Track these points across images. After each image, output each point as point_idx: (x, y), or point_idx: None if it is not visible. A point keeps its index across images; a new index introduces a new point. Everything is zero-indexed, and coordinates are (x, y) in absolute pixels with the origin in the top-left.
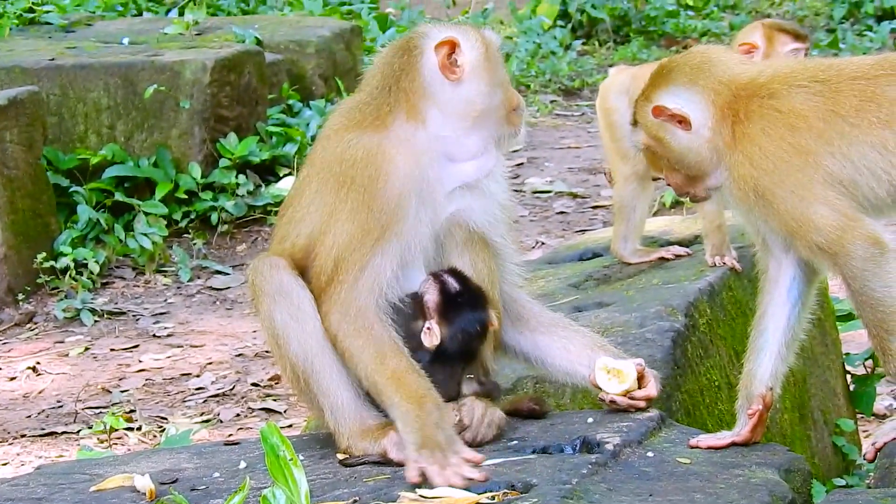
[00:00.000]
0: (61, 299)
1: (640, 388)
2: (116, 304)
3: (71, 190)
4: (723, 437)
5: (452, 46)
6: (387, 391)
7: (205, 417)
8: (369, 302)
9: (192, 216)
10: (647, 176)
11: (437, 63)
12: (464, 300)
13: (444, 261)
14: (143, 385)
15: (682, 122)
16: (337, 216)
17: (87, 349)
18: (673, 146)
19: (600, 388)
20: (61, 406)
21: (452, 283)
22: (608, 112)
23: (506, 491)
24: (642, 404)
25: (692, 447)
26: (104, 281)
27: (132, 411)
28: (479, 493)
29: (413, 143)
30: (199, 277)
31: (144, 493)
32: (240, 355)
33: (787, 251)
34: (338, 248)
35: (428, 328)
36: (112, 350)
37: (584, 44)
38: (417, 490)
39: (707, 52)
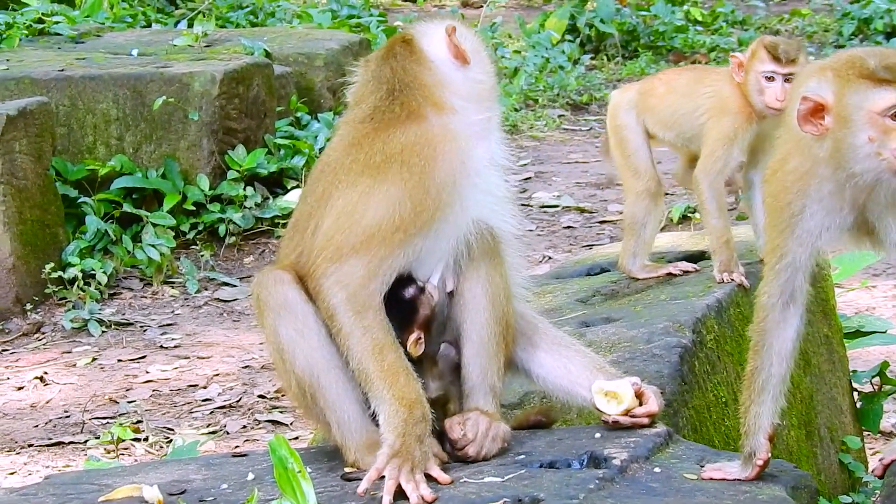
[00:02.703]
0: (69, 310)
1: (640, 405)
2: (124, 314)
3: (79, 201)
4: (730, 473)
5: (454, 32)
6: (378, 384)
7: (211, 429)
8: (381, 287)
9: (200, 228)
10: (658, 192)
11: (447, 51)
12: (394, 309)
13: (461, 273)
14: (150, 396)
15: None
16: (379, 196)
17: (94, 360)
18: None
19: (601, 411)
20: (68, 416)
21: (407, 292)
22: (618, 129)
23: None
24: (645, 421)
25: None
26: (112, 292)
27: (139, 422)
28: None
29: (454, 130)
30: (206, 289)
31: None
32: (247, 367)
33: (803, 294)
34: (376, 225)
35: None
36: (119, 361)
37: (592, 58)
38: None
39: None
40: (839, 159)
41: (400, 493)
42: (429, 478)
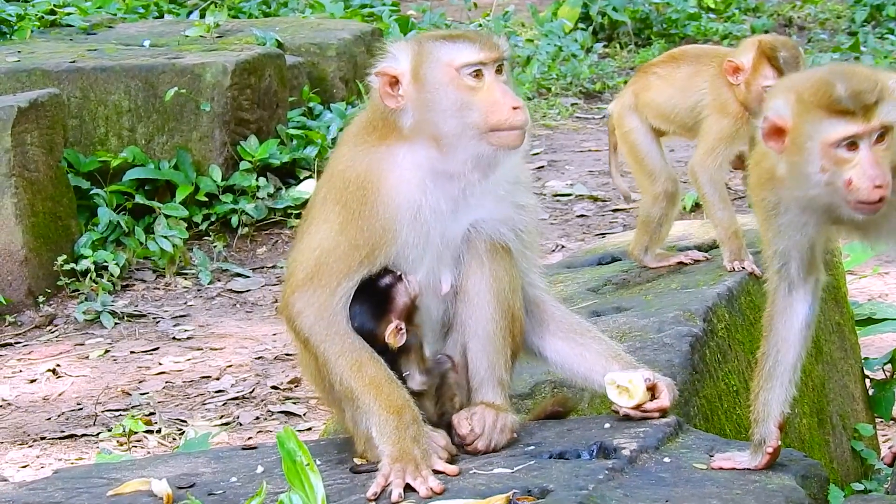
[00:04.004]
0: (81, 302)
1: (653, 398)
2: (136, 306)
3: (91, 192)
4: (739, 463)
5: (391, 78)
6: (364, 398)
7: (224, 420)
8: (345, 306)
9: (213, 219)
10: (676, 192)
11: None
12: (370, 298)
13: (465, 271)
14: (163, 388)
15: None
16: (327, 222)
17: (107, 352)
18: None
19: (613, 402)
20: (81, 408)
21: (383, 281)
22: (626, 135)
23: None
24: (656, 415)
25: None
26: (124, 283)
27: (151, 414)
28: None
29: (405, 164)
30: (219, 280)
31: (162, 498)
32: (259, 358)
33: (807, 279)
34: (322, 250)
35: None
36: (132, 352)
37: (605, 47)
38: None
39: None
40: (794, 182)
41: (410, 489)
42: (436, 472)
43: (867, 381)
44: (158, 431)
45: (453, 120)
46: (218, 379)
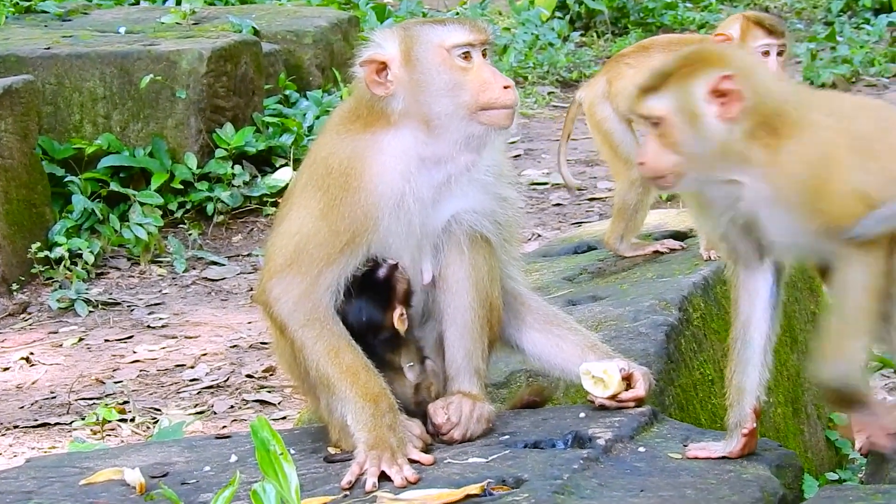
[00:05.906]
0: (56, 289)
1: (628, 388)
2: (111, 294)
3: (66, 180)
4: (714, 451)
5: (379, 65)
6: (340, 385)
7: (199, 409)
8: (327, 296)
9: (188, 206)
10: None
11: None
12: (372, 290)
13: (445, 259)
14: (137, 376)
15: (728, 104)
16: (308, 209)
17: (81, 340)
18: (701, 128)
19: (588, 392)
20: (55, 397)
21: (381, 272)
22: (599, 124)
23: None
24: (631, 405)
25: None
26: (99, 271)
27: (126, 402)
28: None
29: (389, 151)
30: (194, 268)
31: (134, 487)
32: (234, 346)
33: (762, 260)
34: (302, 236)
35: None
36: (106, 341)
37: (582, 35)
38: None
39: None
40: None
41: (385, 477)
42: (411, 461)
43: None
44: (132, 420)
45: (445, 99)
46: (192, 367)
